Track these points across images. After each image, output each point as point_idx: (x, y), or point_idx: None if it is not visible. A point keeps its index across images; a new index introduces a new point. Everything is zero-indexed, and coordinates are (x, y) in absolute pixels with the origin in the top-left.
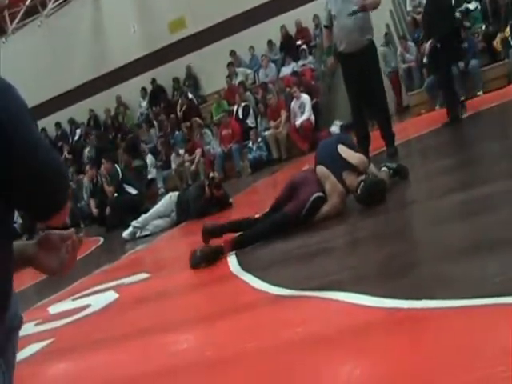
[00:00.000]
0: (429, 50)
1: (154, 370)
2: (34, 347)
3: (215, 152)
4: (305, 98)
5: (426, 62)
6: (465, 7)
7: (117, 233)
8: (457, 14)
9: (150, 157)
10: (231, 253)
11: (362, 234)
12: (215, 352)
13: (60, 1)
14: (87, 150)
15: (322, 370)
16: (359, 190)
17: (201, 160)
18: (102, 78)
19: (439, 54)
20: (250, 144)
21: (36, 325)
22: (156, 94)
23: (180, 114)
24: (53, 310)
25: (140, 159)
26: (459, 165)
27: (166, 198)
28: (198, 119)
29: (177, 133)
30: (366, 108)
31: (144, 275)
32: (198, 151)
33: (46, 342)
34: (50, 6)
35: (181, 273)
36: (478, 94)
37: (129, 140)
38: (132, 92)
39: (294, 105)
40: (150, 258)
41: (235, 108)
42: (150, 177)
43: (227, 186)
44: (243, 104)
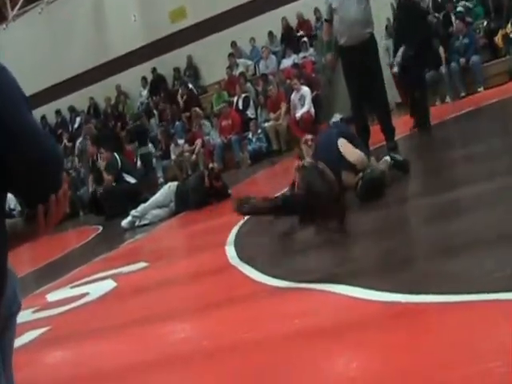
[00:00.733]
0: (401, 58)
1: (151, 359)
2: (32, 334)
3: (215, 143)
4: (305, 90)
5: (396, 70)
6: (463, 4)
7: (116, 222)
8: (430, 19)
9: (150, 146)
10: None
11: (361, 228)
12: (212, 342)
13: None
14: (79, 141)
15: (319, 363)
16: (358, 188)
17: (200, 150)
18: (102, 67)
19: (412, 62)
20: (250, 135)
21: (34, 312)
22: (156, 84)
23: (181, 103)
24: (51, 297)
25: (147, 147)
26: (459, 160)
27: (165, 187)
28: (197, 109)
29: (177, 123)
30: (365, 102)
31: (142, 264)
32: (197, 142)
33: (43, 330)
34: None
35: (179, 263)
36: (479, 90)
37: (136, 127)
38: (132, 81)
39: (294, 97)
40: (149, 248)
41: (235, 99)
42: None
43: (226, 177)
44: (243, 95)
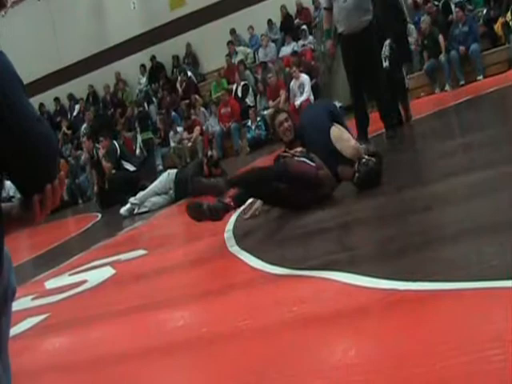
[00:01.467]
0: (389, 51)
1: (149, 345)
2: (30, 321)
3: (214, 130)
4: (304, 78)
5: (386, 66)
6: None
7: (114, 209)
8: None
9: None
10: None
11: (360, 215)
12: (211, 329)
13: None
14: (84, 126)
15: (317, 350)
16: (355, 179)
17: (199, 138)
18: (101, 54)
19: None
20: (249, 123)
21: (32, 299)
22: (155, 71)
23: (180, 91)
24: (49, 284)
25: (149, 132)
26: (458, 148)
27: (164, 175)
28: (196, 97)
29: (173, 113)
30: (364, 89)
31: (141, 252)
32: (196, 129)
33: (42, 317)
34: None
35: (178, 250)
36: (479, 78)
37: (138, 113)
38: (131, 68)
39: (294, 85)
40: (148, 235)
41: (234, 87)
42: None
43: (225, 165)
44: (242, 83)
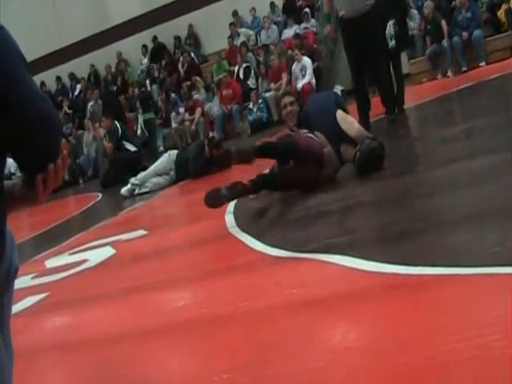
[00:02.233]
0: (393, 30)
1: (150, 325)
2: (31, 300)
3: (215, 112)
4: (306, 61)
5: (393, 45)
6: None
7: (115, 189)
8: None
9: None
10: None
11: (361, 199)
12: (211, 310)
13: None
14: (90, 103)
15: (317, 332)
16: (356, 160)
17: (200, 120)
18: (103, 34)
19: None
20: (251, 105)
21: (33, 278)
22: (157, 52)
23: (182, 72)
24: (50, 264)
25: (150, 113)
26: (460, 135)
27: (166, 156)
28: (197, 78)
29: (172, 95)
30: (366, 74)
31: (142, 232)
32: (197, 111)
33: (42, 296)
34: None
35: (178, 230)
36: (481, 64)
37: (140, 93)
38: (133, 49)
39: (296, 68)
40: (148, 216)
41: (236, 69)
42: None
43: (227, 147)
44: (244, 65)
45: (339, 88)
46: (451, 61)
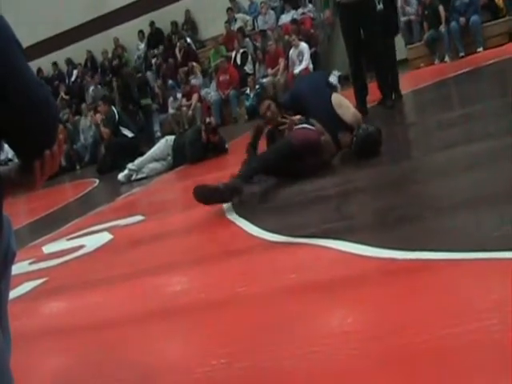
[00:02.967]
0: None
1: (146, 310)
2: (28, 286)
3: (212, 97)
4: (303, 46)
5: (380, 8)
6: None
7: (112, 175)
8: None
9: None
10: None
11: (359, 184)
12: (209, 295)
13: None
14: (91, 88)
15: (314, 317)
16: (353, 146)
17: (197, 105)
18: (99, 19)
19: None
20: (248, 91)
21: (30, 264)
22: (154, 37)
23: (179, 58)
24: (47, 249)
25: (147, 98)
26: (458, 120)
27: (163, 141)
28: (194, 64)
29: (170, 82)
30: (363, 59)
31: (139, 217)
32: (194, 96)
33: (39, 281)
34: None
35: (176, 216)
36: (479, 50)
37: (137, 79)
38: (130, 34)
39: (293, 53)
40: (146, 201)
41: (233, 54)
42: None
43: (224, 132)
44: (241, 50)
45: (336, 73)
46: (449, 46)
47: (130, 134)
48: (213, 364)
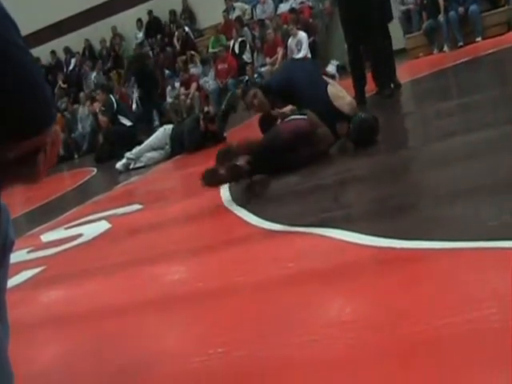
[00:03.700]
0: None
1: (144, 299)
2: (26, 274)
3: (210, 86)
4: (302, 35)
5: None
6: None
7: (110, 164)
8: None
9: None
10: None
11: (357, 173)
12: (207, 284)
13: None
14: (93, 75)
15: (313, 306)
16: (350, 133)
17: (196, 94)
18: (98, 8)
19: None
20: (246, 80)
21: (28, 252)
22: (152, 26)
23: (177, 47)
24: (45, 238)
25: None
26: (456, 109)
27: (161, 130)
28: (192, 52)
29: (167, 72)
30: (362, 49)
31: (137, 206)
32: (193, 85)
33: (37, 270)
34: None
35: (174, 205)
36: (477, 40)
37: (136, 68)
38: (128, 23)
39: (291, 42)
40: (144, 190)
41: (231, 43)
42: None
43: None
44: (240, 39)
45: (335, 63)
46: (447, 36)
47: (128, 122)
48: (210, 353)
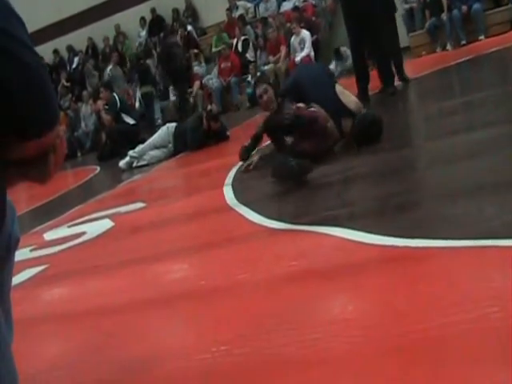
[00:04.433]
0: None
1: (147, 297)
2: (29, 272)
3: (213, 84)
4: (305, 33)
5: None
6: None
7: (113, 162)
8: None
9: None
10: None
11: (360, 171)
12: (210, 282)
13: None
14: (109, 68)
15: (315, 304)
16: (353, 128)
17: (199, 92)
18: (101, 6)
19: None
20: (249, 78)
21: (31, 250)
22: (155, 24)
23: (180, 44)
24: (48, 236)
25: (148, 85)
26: (459, 108)
27: (164, 128)
28: (195, 51)
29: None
30: (365, 46)
31: (140, 204)
32: (196, 83)
33: (41, 268)
34: None
35: (177, 203)
36: (480, 38)
37: (138, 66)
38: (131, 21)
39: (294, 40)
40: (147, 188)
41: (235, 41)
42: None
43: (225, 119)
44: (243, 38)
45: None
46: (450, 34)
47: (131, 120)
48: (213, 351)
